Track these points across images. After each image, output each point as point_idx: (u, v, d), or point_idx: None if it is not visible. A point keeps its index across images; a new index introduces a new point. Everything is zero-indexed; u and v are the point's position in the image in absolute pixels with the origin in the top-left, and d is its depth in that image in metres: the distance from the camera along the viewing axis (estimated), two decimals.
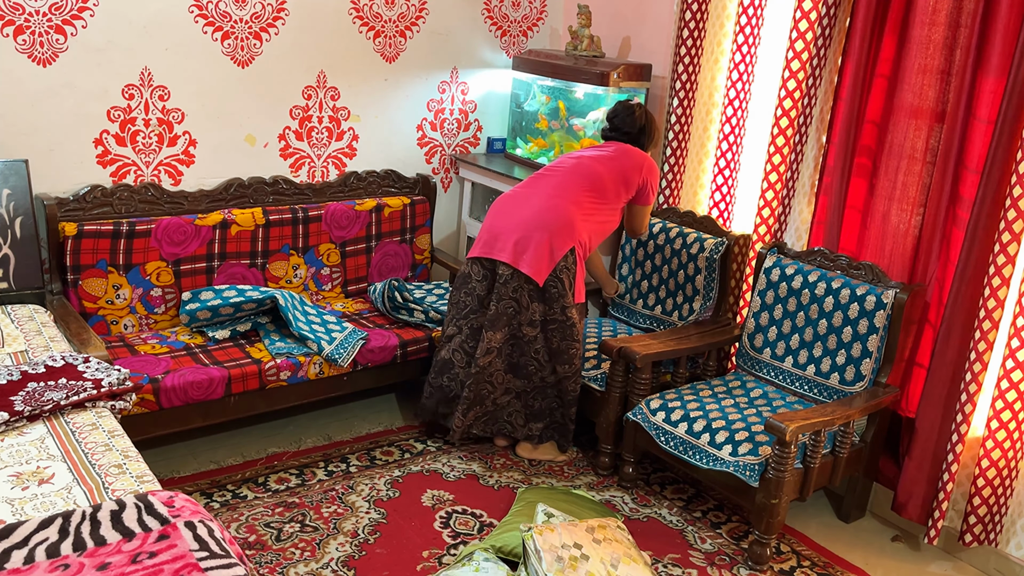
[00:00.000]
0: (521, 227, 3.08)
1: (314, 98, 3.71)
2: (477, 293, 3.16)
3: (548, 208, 3.09)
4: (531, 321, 3.09)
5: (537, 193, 3.16)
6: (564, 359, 3.13)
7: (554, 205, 3.10)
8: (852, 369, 2.95)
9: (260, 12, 3.45)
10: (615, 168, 3.22)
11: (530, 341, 3.12)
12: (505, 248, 3.08)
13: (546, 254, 3.04)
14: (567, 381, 3.17)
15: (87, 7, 3.09)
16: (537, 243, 3.04)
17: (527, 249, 3.05)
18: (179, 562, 1.63)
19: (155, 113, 3.33)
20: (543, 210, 3.09)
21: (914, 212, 2.97)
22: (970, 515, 2.80)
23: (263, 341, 3.21)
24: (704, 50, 3.57)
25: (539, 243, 3.04)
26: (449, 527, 2.85)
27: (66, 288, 3.12)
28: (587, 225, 3.15)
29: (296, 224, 3.61)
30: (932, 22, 2.83)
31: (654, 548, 2.82)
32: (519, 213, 3.12)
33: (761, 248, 3.28)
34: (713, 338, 3.29)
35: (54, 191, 3.17)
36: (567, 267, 3.08)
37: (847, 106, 3.03)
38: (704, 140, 3.65)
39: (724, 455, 2.75)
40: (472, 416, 3.21)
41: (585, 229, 3.14)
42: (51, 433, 2.18)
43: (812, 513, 3.14)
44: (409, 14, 3.86)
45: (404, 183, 4.01)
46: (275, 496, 2.94)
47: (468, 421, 3.21)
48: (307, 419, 3.49)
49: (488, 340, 3.10)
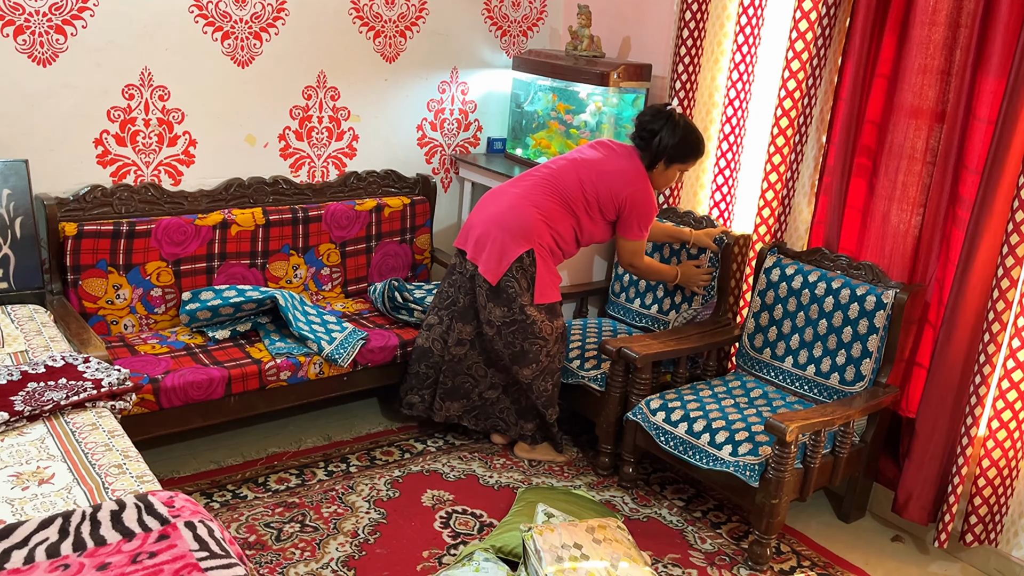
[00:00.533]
0: (484, 224, 3.11)
1: (314, 98, 3.71)
2: (459, 285, 3.19)
3: (511, 208, 3.08)
4: (488, 321, 3.10)
5: (511, 191, 3.15)
6: (528, 359, 3.10)
7: (517, 206, 3.08)
8: (852, 369, 2.95)
9: (260, 12, 3.45)
10: (594, 178, 3.09)
11: (491, 340, 3.12)
12: (469, 243, 3.15)
13: (497, 254, 3.04)
14: (537, 380, 3.14)
15: (87, 7, 3.09)
16: (492, 242, 3.06)
17: (484, 247, 3.08)
18: (179, 562, 1.63)
19: (155, 113, 3.33)
20: (506, 209, 3.09)
21: (914, 212, 2.96)
22: (970, 515, 2.80)
23: (263, 341, 3.21)
24: (704, 50, 3.58)
25: (494, 242, 3.05)
26: (449, 527, 2.85)
27: (66, 288, 3.12)
28: (555, 229, 3.09)
29: (296, 224, 3.61)
30: (932, 22, 2.83)
31: (654, 548, 2.82)
32: (488, 210, 3.15)
33: (761, 248, 3.28)
34: (713, 338, 3.29)
35: (54, 191, 3.17)
36: (523, 268, 3.04)
37: (847, 106, 3.03)
38: (704, 140, 3.64)
39: (724, 455, 2.75)
40: (459, 407, 3.26)
41: (549, 233, 3.08)
42: (51, 433, 2.18)
43: (812, 513, 3.14)
44: (409, 14, 3.86)
45: (404, 183, 4.01)
46: (275, 496, 2.94)
47: (454, 411, 3.26)
48: (307, 419, 3.49)
49: (458, 331, 3.16)
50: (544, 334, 3.09)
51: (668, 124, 3.06)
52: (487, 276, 3.05)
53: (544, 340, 3.10)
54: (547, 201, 3.08)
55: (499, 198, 3.15)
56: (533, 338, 3.08)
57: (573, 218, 3.12)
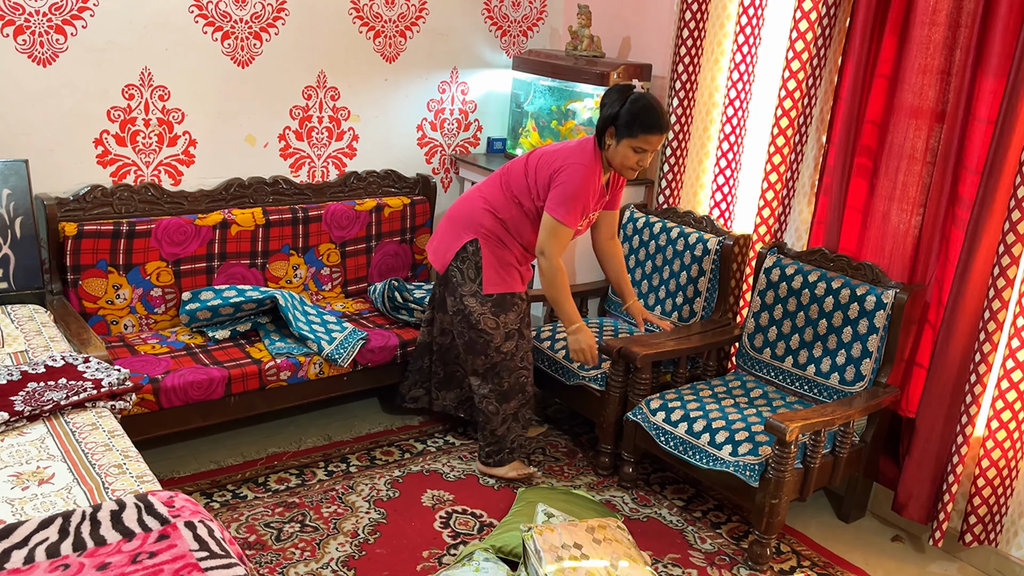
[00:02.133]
0: (443, 217, 3.19)
1: (314, 98, 3.71)
2: (436, 277, 3.28)
3: (461, 201, 3.15)
4: (445, 309, 3.20)
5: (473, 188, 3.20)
6: (477, 349, 3.06)
7: (467, 198, 3.12)
8: (852, 369, 2.95)
9: (260, 12, 3.45)
10: (535, 162, 2.99)
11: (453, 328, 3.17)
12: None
13: (444, 244, 3.10)
14: (489, 376, 3.07)
15: (87, 7, 3.09)
16: (442, 232, 3.13)
17: (435, 237, 3.17)
18: (179, 562, 1.63)
19: (155, 113, 3.33)
20: (458, 203, 3.16)
21: (914, 212, 2.96)
22: (970, 515, 2.80)
23: (263, 341, 3.21)
24: (704, 50, 3.58)
25: (443, 233, 3.12)
26: (449, 527, 2.85)
27: (66, 288, 3.12)
28: (500, 217, 3.02)
29: (296, 224, 3.61)
30: (932, 22, 2.83)
31: (654, 548, 2.82)
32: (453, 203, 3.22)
33: (761, 248, 3.28)
34: (713, 338, 3.29)
35: (54, 191, 3.17)
36: (467, 257, 3.03)
37: (847, 106, 3.03)
38: (704, 140, 3.65)
39: (724, 455, 2.75)
40: (454, 398, 3.37)
41: (493, 221, 3.03)
42: (51, 433, 2.18)
43: (812, 513, 3.14)
44: (409, 14, 3.86)
45: (404, 183, 4.01)
46: (275, 496, 2.94)
47: (450, 401, 3.37)
48: (307, 419, 3.49)
49: (439, 320, 3.29)
50: (485, 327, 3.01)
51: (620, 98, 2.89)
52: (435, 264, 3.14)
53: (487, 334, 3.01)
54: (494, 191, 3.06)
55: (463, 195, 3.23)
56: (476, 330, 3.04)
57: (517, 206, 3.01)
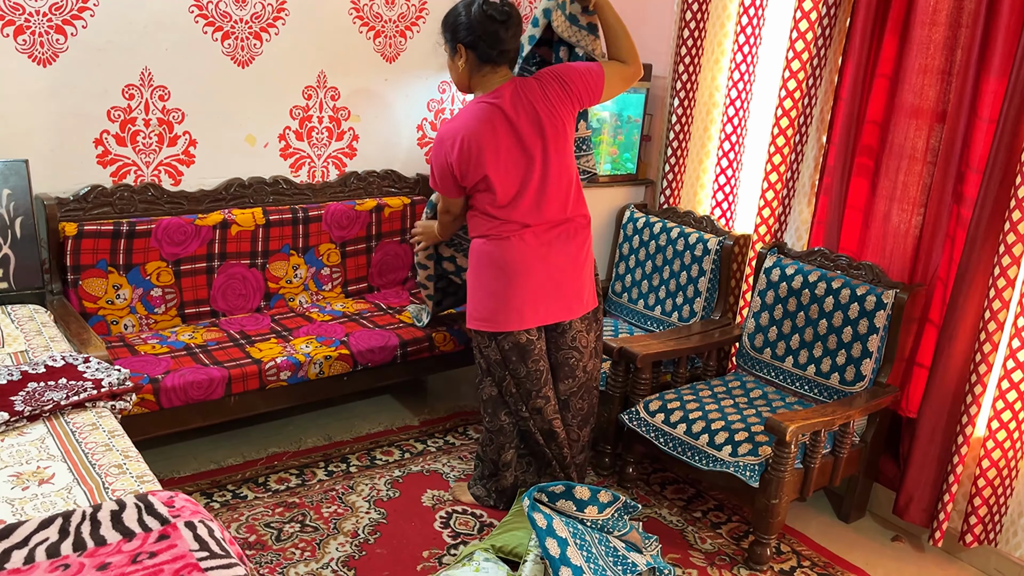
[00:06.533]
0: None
1: (314, 98, 3.71)
2: None
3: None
4: (575, 358, 2.93)
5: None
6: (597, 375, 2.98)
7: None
8: (852, 369, 2.95)
9: (260, 12, 3.45)
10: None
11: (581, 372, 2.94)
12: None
13: (588, 277, 2.88)
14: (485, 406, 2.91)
15: (87, 7, 3.09)
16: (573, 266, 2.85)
17: (572, 276, 2.87)
18: (179, 562, 1.63)
19: (155, 113, 3.33)
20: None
21: (915, 212, 2.96)
22: (970, 515, 2.80)
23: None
24: (704, 50, 3.58)
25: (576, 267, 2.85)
26: (449, 527, 2.85)
27: (66, 288, 3.12)
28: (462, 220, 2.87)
29: (296, 224, 3.61)
30: (933, 22, 2.83)
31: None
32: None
33: (761, 248, 3.28)
34: (713, 338, 3.29)
35: (54, 191, 3.17)
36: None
37: (847, 106, 3.03)
38: (705, 140, 3.65)
39: (724, 455, 2.75)
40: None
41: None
42: (51, 433, 2.18)
43: (812, 513, 3.14)
44: (409, 14, 3.86)
45: (404, 183, 4.01)
46: (275, 496, 2.94)
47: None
48: (307, 419, 3.49)
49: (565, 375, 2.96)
50: (477, 356, 2.83)
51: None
52: (588, 305, 2.88)
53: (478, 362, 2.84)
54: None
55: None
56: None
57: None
